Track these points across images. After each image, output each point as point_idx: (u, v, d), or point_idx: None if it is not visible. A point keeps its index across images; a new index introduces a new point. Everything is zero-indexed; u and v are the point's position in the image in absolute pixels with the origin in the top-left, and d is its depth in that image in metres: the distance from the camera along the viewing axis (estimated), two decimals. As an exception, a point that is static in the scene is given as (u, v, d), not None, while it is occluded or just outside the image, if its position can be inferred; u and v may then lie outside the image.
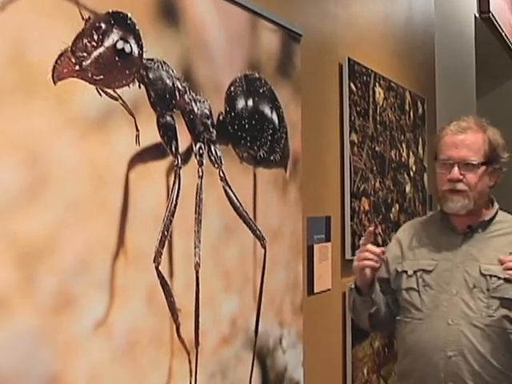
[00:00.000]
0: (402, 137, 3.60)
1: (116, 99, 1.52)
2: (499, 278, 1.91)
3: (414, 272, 2.04)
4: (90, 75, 1.43)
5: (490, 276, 1.92)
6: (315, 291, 2.55)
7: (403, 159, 3.61)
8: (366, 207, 3.03)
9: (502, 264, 1.80)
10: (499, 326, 1.89)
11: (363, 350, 2.98)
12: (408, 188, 3.68)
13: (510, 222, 2.06)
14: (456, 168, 1.95)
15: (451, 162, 1.97)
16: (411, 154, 3.76)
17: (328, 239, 2.68)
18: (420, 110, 3.99)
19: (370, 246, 1.96)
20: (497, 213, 2.06)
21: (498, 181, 2.06)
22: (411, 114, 3.80)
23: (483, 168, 1.96)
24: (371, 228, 2.02)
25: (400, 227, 2.31)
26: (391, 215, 3.36)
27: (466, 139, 1.97)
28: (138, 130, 1.59)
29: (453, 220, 2.05)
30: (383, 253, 1.96)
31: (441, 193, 2.02)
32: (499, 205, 2.10)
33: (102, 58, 1.47)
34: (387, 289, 2.13)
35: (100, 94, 1.48)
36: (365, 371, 3.00)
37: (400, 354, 2.11)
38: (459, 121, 2.03)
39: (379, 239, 3.16)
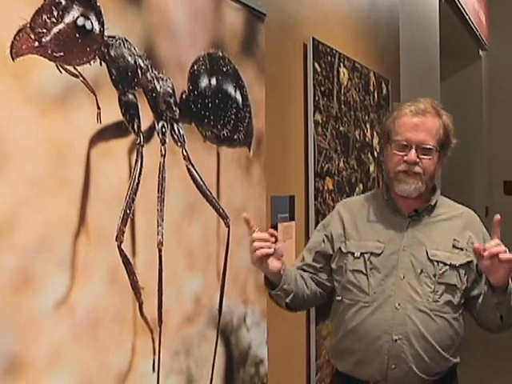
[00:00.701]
0: (367, 117, 3.63)
1: (76, 76, 1.51)
2: (445, 264, 1.92)
3: (361, 254, 1.98)
4: (49, 52, 1.42)
5: (438, 262, 1.92)
6: (279, 270, 2.57)
7: (367, 139, 3.65)
8: (330, 187, 3.06)
9: (478, 253, 1.79)
10: (443, 311, 1.92)
11: (327, 328, 3.01)
12: (372, 168, 3.72)
13: (451, 206, 2.07)
14: (413, 151, 1.91)
15: (409, 144, 1.92)
16: (375, 134, 3.79)
17: (292, 218, 2.70)
18: (384, 91, 4.02)
19: (256, 234, 1.80)
20: (439, 197, 2.06)
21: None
22: (375, 94, 3.82)
23: (437, 154, 1.94)
24: (244, 215, 1.81)
25: (339, 202, 2.23)
26: (355, 195, 3.39)
27: (425, 122, 1.93)
28: (99, 107, 1.57)
29: (399, 202, 2.00)
30: (272, 235, 1.81)
31: (393, 173, 1.96)
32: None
33: (62, 34, 1.45)
34: (326, 265, 2.07)
35: (60, 71, 1.46)
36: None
37: (340, 333, 2.05)
38: (416, 102, 1.98)
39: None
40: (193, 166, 1.94)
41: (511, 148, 8.72)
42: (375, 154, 3.79)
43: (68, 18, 1.47)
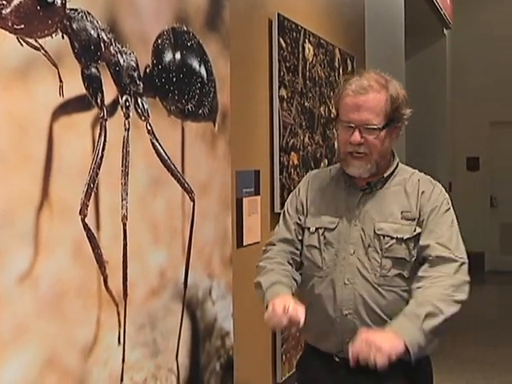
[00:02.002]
0: (332, 93, 3.65)
1: (38, 49, 1.49)
2: (392, 238, 1.89)
3: (316, 229, 1.99)
4: (10, 24, 1.40)
5: (384, 236, 1.90)
6: (244, 244, 2.60)
7: (332, 115, 3.67)
8: (295, 162, 3.08)
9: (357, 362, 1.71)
10: (393, 285, 1.91)
11: (292, 302, 3.05)
12: (337, 143, 3.74)
13: (407, 174, 2.00)
14: (357, 132, 1.86)
15: (352, 125, 1.87)
16: (340, 110, 3.81)
17: (257, 193, 2.72)
18: (349, 68, 4.04)
19: (275, 308, 1.80)
20: (397, 167, 2.01)
21: (400, 133, 2.00)
22: (341, 70, 3.84)
23: (385, 130, 1.89)
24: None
25: (307, 175, 2.18)
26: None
27: (367, 101, 1.86)
28: (61, 81, 1.56)
29: (353, 177, 1.98)
30: (286, 310, 1.78)
31: (343, 154, 1.95)
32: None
33: (23, 6, 1.43)
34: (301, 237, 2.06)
35: (21, 44, 1.45)
36: (293, 322, 3.08)
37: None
38: (361, 78, 1.91)
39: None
40: (157, 140, 1.94)
41: (474, 125, 8.86)
42: (340, 129, 3.82)
43: (29, -10, 1.45)
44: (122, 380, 1.81)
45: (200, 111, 2.19)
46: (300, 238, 2.06)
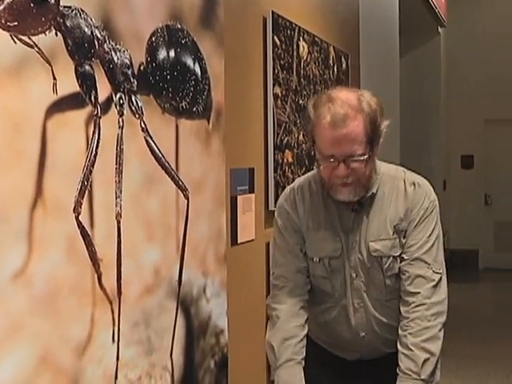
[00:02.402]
0: (326, 91, 3.64)
1: (32, 47, 1.49)
2: (389, 257, 1.87)
3: (320, 259, 1.92)
4: (3, 21, 1.40)
5: (381, 257, 1.87)
6: (239, 241, 2.60)
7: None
8: (290, 159, 3.08)
9: None
10: (396, 295, 1.91)
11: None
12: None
13: (391, 180, 1.91)
14: (342, 165, 1.75)
15: (336, 159, 1.76)
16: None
17: (252, 190, 2.72)
18: (344, 65, 4.05)
19: None
20: (379, 174, 1.91)
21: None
22: (335, 68, 3.85)
23: (368, 154, 1.78)
24: None
25: (288, 193, 2.03)
26: (315, 167, 3.42)
27: (347, 133, 1.73)
28: (55, 78, 1.56)
29: None
30: None
31: (328, 184, 1.84)
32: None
33: (16, 3, 1.43)
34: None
35: (15, 41, 1.44)
36: (288, 319, 3.08)
37: (311, 322, 1.99)
38: (333, 105, 1.75)
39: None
40: (151, 137, 1.94)
41: (468, 123, 8.87)
42: (334, 127, 3.82)
43: (22, -13, 1.44)
44: (116, 378, 1.80)
45: (194, 109, 2.19)
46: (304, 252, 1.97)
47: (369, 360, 2.01)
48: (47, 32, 1.54)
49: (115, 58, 1.79)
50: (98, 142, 1.70)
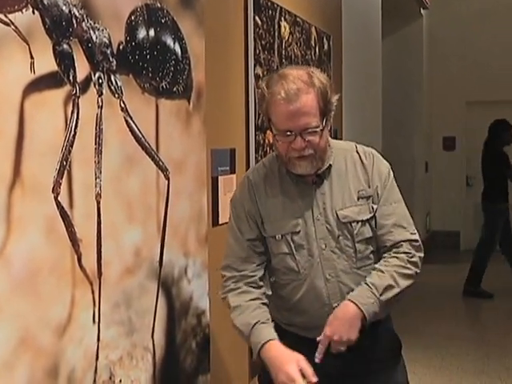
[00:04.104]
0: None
1: (8, 25, 1.47)
2: (357, 222, 1.91)
3: (282, 236, 1.93)
4: (-22, -2, 1.38)
5: (350, 223, 1.90)
6: (220, 222, 2.60)
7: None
8: (271, 140, 3.07)
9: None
10: (368, 263, 1.94)
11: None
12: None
13: (344, 152, 1.97)
14: (299, 138, 1.81)
15: (292, 132, 1.81)
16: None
17: (233, 171, 2.72)
18: (326, 46, 4.04)
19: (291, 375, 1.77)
20: (329, 147, 1.95)
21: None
22: (317, 49, 3.84)
23: (322, 126, 1.84)
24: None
25: (243, 179, 2.05)
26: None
27: (301, 106, 1.79)
28: (32, 57, 1.54)
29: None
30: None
31: (286, 158, 1.88)
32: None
33: (-8, -19, 1.41)
34: (262, 245, 2.00)
35: (-10, 19, 1.42)
36: (270, 300, 3.10)
37: (280, 306, 2.03)
38: (286, 81, 1.81)
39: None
40: (131, 117, 1.93)
41: (450, 105, 8.89)
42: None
43: (-3, -36, 1.42)
44: (97, 358, 1.80)
45: (174, 89, 2.18)
46: (261, 249, 1.98)
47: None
48: (24, 10, 1.52)
49: (94, 37, 1.77)
50: (76, 122, 1.69)
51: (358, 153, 1.98)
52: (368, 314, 1.83)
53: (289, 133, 1.82)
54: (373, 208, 1.93)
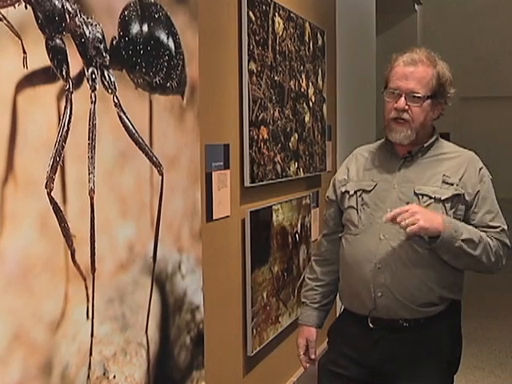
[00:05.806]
0: (302, 67, 3.64)
1: (0, 19, 1.46)
2: (430, 198, 2.04)
3: (355, 192, 2.16)
4: (-31, -7, 1.37)
5: (422, 195, 2.04)
6: (214, 218, 2.59)
7: (303, 89, 3.66)
8: (265, 136, 3.08)
9: (392, 221, 1.95)
10: (425, 241, 2.01)
11: (262, 275, 3.07)
12: (307, 118, 3.75)
13: (449, 148, 2.18)
14: (403, 98, 2.04)
15: (399, 92, 2.05)
16: (311, 84, 3.81)
17: (227, 167, 2.71)
18: (320, 42, 4.03)
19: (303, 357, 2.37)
20: (436, 139, 2.17)
21: (443, 113, 2.17)
22: (311, 45, 3.83)
23: (428, 101, 2.05)
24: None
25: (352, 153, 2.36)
26: (290, 144, 3.42)
27: (415, 72, 2.05)
28: (25, 52, 1.53)
29: (396, 146, 2.14)
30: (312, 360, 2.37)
31: (387, 121, 2.11)
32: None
33: (-17, -25, 1.40)
34: (338, 210, 2.28)
35: (-18, 14, 1.41)
36: (264, 295, 3.11)
37: (340, 271, 2.24)
38: (412, 52, 2.10)
39: (278, 167, 3.23)
40: (124, 113, 1.92)
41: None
42: (310, 104, 3.82)
43: (-11, -42, 1.41)
44: (90, 354, 1.80)
45: (168, 84, 2.17)
46: (336, 210, 2.29)
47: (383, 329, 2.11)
48: (16, 5, 1.51)
49: (87, 32, 1.77)
50: (70, 117, 1.68)
51: (462, 153, 2.18)
52: (445, 231, 1.95)
53: (396, 91, 2.05)
54: (454, 192, 2.04)
